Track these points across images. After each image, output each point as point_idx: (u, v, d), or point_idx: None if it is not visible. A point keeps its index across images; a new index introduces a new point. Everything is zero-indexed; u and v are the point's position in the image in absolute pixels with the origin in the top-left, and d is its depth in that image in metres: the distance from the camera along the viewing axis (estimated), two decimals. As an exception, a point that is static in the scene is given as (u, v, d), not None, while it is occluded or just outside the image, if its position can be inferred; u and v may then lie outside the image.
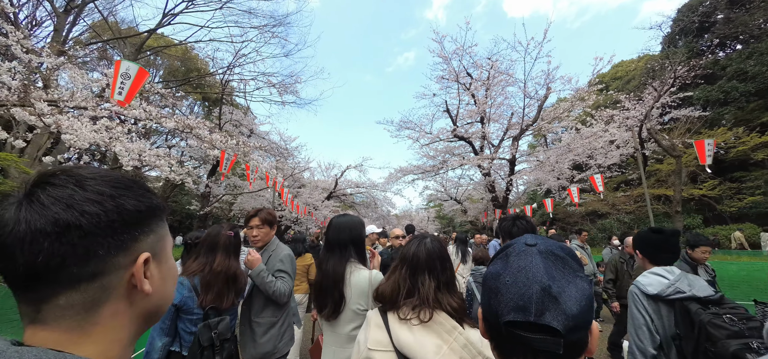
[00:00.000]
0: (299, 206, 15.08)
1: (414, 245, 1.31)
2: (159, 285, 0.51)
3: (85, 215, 0.42)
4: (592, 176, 7.56)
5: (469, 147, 14.46)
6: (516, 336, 0.52)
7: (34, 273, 0.41)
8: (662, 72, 16.07)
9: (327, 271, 1.74)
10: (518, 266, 0.56)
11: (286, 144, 16.52)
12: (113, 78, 3.14)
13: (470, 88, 12.59)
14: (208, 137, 5.59)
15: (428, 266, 1.24)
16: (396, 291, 1.23)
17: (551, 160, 13.24)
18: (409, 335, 1.11)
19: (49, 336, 0.42)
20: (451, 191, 20.59)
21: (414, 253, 1.27)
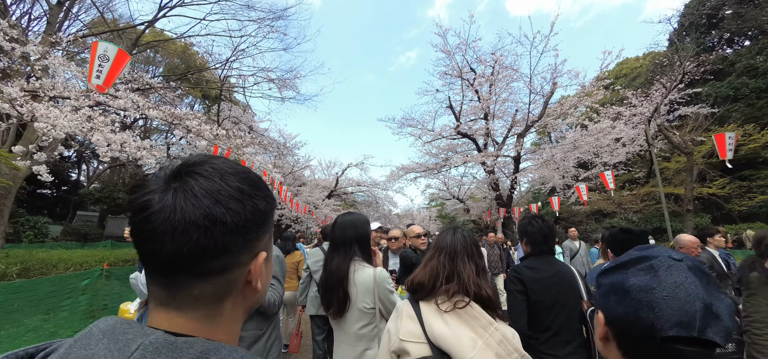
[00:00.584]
0: (299, 204, 14.80)
1: (449, 235, 1.33)
2: (265, 282, 0.52)
3: (229, 212, 0.43)
4: (602, 173, 7.27)
5: (472, 145, 14.14)
6: (671, 349, 0.56)
7: (176, 261, 0.42)
8: (670, 68, 15.74)
9: (331, 269, 1.72)
10: (674, 281, 0.59)
11: (286, 141, 16.23)
12: (90, 60, 2.85)
13: (474, 84, 12.26)
14: (197, 127, 5.30)
15: (467, 252, 1.26)
16: (434, 277, 1.22)
17: (557, 157, 12.92)
18: (443, 327, 1.09)
19: (187, 324, 0.44)
20: (453, 190, 20.26)
21: (451, 241, 1.30)
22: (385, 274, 1.67)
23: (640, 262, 0.64)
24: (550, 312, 1.76)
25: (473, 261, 1.25)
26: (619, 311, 0.62)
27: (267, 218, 0.50)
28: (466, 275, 1.19)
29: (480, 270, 1.24)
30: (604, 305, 0.66)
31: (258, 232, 0.48)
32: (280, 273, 1.99)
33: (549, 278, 1.80)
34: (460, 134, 12.67)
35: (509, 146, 13.44)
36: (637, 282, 0.61)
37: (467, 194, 21.40)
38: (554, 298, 1.66)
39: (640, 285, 0.61)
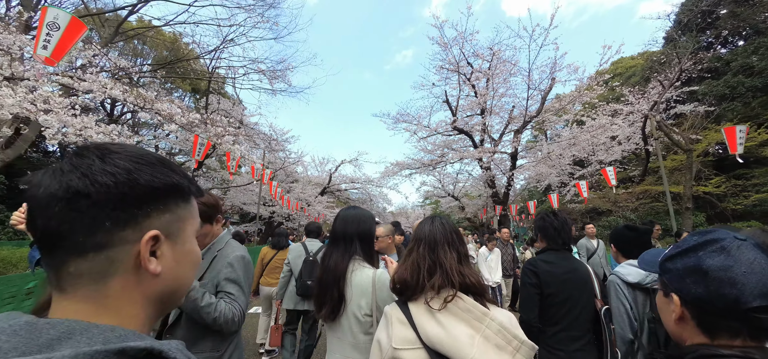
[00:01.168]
0: (290, 201, 14.42)
1: (427, 225, 1.26)
2: (171, 267, 0.49)
3: (95, 184, 0.42)
4: (604, 170, 7.02)
5: (468, 141, 13.89)
6: (755, 319, 0.63)
7: (48, 236, 0.43)
8: (667, 65, 15.63)
9: (328, 266, 1.58)
10: (748, 258, 0.66)
11: (277, 136, 15.80)
12: (37, 28, 2.46)
13: (470, 78, 11.98)
14: (167, 110, 4.89)
15: (447, 240, 1.20)
16: (417, 270, 1.15)
17: (554, 154, 12.71)
18: (437, 327, 1.02)
19: (69, 306, 0.44)
20: (448, 188, 19.99)
21: (430, 230, 1.23)
22: (387, 277, 1.47)
23: (708, 245, 0.70)
24: (562, 307, 1.78)
25: (454, 249, 1.19)
26: (699, 291, 0.68)
27: (157, 194, 0.47)
28: (448, 264, 1.13)
29: (462, 258, 1.18)
30: (680, 288, 0.72)
31: (145, 208, 0.46)
32: (245, 280, 1.62)
33: (563, 273, 1.83)
34: (457, 129, 12.38)
35: (506, 142, 13.20)
36: (715, 262, 0.67)
37: (462, 192, 21.16)
38: (567, 294, 1.64)
39: (718, 265, 0.67)
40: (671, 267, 0.75)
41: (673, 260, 0.75)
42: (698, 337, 0.70)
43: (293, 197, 17.02)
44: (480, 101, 11.79)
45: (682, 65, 12.91)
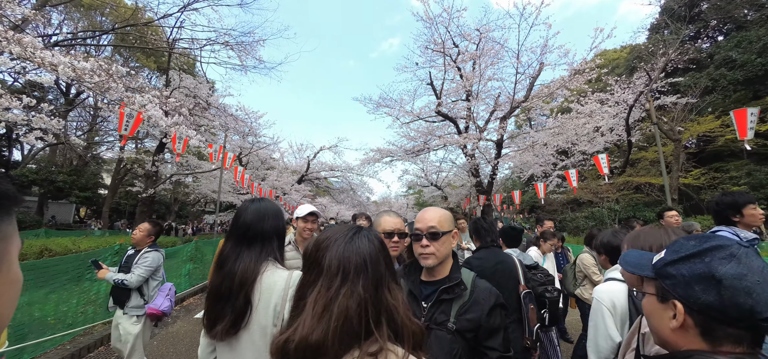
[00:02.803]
0: (261, 189, 13.43)
1: (362, 244, 0.80)
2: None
3: None
4: (596, 157, 6.55)
5: (452, 128, 13.27)
6: (765, 328, 0.65)
7: None
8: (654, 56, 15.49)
9: (232, 271, 1.27)
10: (758, 266, 0.66)
11: (250, 120, 14.66)
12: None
13: (456, 60, 11.28)
14: (105, 82, 3.92)
15: (390, 271, 0.81)
16: (349, 328, 0.70)
17: (539, 142, 12.25)
18: None
19: None
20: (431, 177, 19.45)
21: (370, 254, 0.79)
22: None
23: (716, 251, 0.69)
24: None
25: (396, 281, 0.81)
26: (710, 299, 0.66)
27: None
28: (400, 309, 0.75)
29: (402, 302, 0.78)
30: (686, 295, 0.69)
31: None
32: None
33: (492, 266, 2.06)
34: (441, 114, 11.69)
35: (491, 130, 12.67)
36: (729, 271, 0.66)
37: (445, 181, 20.69)
38: (496, 283, 1.57)
39: (732, 274, 0.65)
40: (674, 273, 0.73)
41: (675, 266, 0.73)
42: (697, 344, 0.69)
43: (268, 185, 15.99)
44: (466, 84, 11.11)
45: (670, 55, 12.68)
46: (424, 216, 1.39)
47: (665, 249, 0.79)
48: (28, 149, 22.06)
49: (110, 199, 20.11)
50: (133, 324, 2.85)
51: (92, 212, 27.50)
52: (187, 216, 30.66)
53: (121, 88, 4.00)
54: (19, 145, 21.62)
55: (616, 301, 1.53)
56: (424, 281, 1.38)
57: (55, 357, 3.23)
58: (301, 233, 2.40)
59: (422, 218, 1.39)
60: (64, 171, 19.00)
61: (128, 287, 2.82)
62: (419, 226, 1.37)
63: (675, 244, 0.76)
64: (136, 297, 2.88)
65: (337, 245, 0.81)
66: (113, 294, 2.95)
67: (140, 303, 2.89)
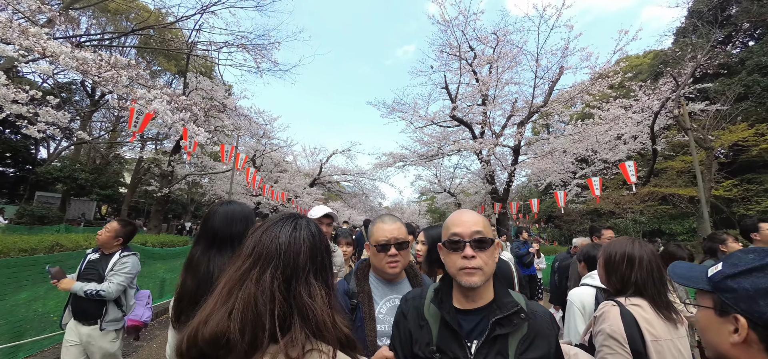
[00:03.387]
0: (273, 191, 13.44)
1: (283, 231, 0.74)
2: None
3: None
4: (622, 164, 6.14)
5: (467, 133, 12.97)
6: None
7: None
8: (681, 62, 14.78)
9: (209, 274, 1.26)
10: None
11: (265, 122, 14.77)
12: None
13: (472, 64, 11.02)
14: (111, 76, 3.89)
15: (315, 266, 0.73)
16: (253, 319, 0.63)
17: (558, 149, 11.80)
18: None
19: None
20: (444, 183, 19.08)
21: (289, 243, 0.72)
22: None
23: None
24: None
25: (324, 281, 0.73)
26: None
27: None
28: (317, 309, 0.67)
29: (332, 293, 0.74)
30: (751, 309, 0.69)
31: None
32: None
33: None
34: (455, 119, 11.42)
35: (507, 136, 12.30)
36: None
37: (459, 188, 20.28)
38: None
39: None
40: (735, 287, 0.72)
41: (736, 279, 0.72)
42: None
43: (280, 187, 16.02)
44: (482, 88, 10.83)
45: (699, 59, 12.05)
46: (463, 218, 1.05)
47: (721, 262, 0.78)
48: (53, 148, 22.94)
49: (129, 197, 20.62)
50: (113, 341, 2.46)
51: (113, 210, 28.35)
52: (201, 217, 31.25)
53: (125, 79, 3.96)
54: (46, 144, 22.52)
55: (585, 303, 1.77)
56: (461, 309, 1.03)
57: (51, 356, 3.16)
58: None
59: (461, 221, 1.05)
60: (86, 169, 19.62)
61: (105, 298, 2.39)
62: (459, 230, 1.02)
63: (732, 257, 0.76)
64: (114, 309, 2.47)
65: (261, 228, 0.76)
66: (75, 307, 2.46)
67: (119, 315, 2.50)
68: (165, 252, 6.36)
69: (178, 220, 28.31)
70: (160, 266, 6.34)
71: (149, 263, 5.35)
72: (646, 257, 1.40)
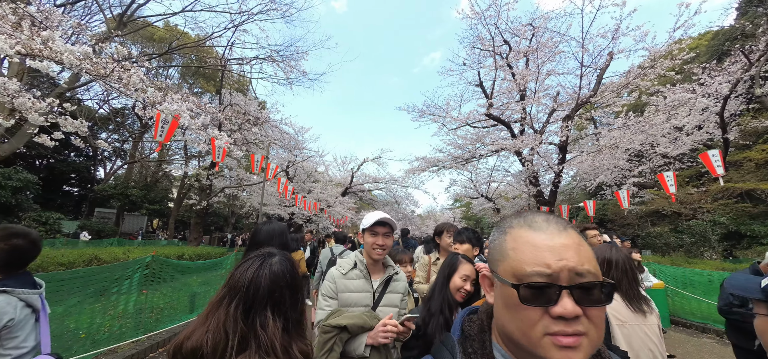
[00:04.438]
0: (306, 201, 13.38)
1: (250, 269, 0.91)
2: None
3: None
4: (704, 154, 5.11)
5: (504, 133, 12.14)
6: None
7: None
8: (751, 38, 12.88)
9: None
10: None
11: (297, 134, 14.91)
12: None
13: (507, 58, 10.27)
14: (125, 78, 3.83)
15: (273, 300, 0.88)
16: (221, 340, 0.81)
17: (611, 143, 10.57)
18: None
19: None
20: (481, 188, 18.10)
21: (251, 280, 0.89)
22: None
23: None
24: None
25: (281, 314, 0.88)
26: None
27: None
28: (268, 337, 0.82)
29: (292, 325, 0.90)
30: None
31: None
32: None
33: None
34: (492, 117, 10.67)
35: (550, 132, 11.30)
36: None
37: (497, 192, 19.16)
38: None
39: None
40: None
41: None
42: None
43: (313, 197, 16.04)
44: (520, 83, 10.03)
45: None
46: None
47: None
48: (109, 167, 24.95)
49: (175, 211, 21.83)
50: None
51: (163, 224, 30.31)
52: (241, 228, 32.42)
53: (136, 79, 3.87)
54: (103, 164, 24.55)
55: None
56: None
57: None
58: (370, 251, 1.73)
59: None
60: (137, 186, 21.03)
61: None
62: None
63: None
64: None
65: (238, 264, 0.96)
66: None
67: None
68: (192, 265, 6.20)
69: (220, 232, 29.55)
70: (194, 280, 6.26)
71: (179, 277, 5.24)
72: (622, 260, 1.68)
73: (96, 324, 3.38)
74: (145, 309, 3.96)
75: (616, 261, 1.67)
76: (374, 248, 1.70)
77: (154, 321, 4.17)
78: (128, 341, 3.62)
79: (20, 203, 15.49)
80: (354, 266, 1.74)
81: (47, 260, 4.44)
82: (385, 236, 1.73)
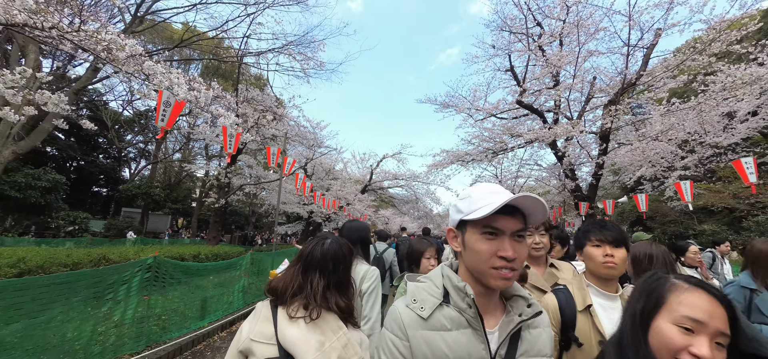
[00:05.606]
0: (325, 199, 12.93)
1: (311, 245, 1.34)
2: None
3: None
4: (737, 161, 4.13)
5: (535, 123, 11.23)
6: None
7: None
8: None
9: None
10: None
11: (314, 129, 14.50)
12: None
13: (539, 41, 9.38)
14: (107, 39, 3.36)
15: (320, 266, 1.27)
16: (286, 286, 1.23)
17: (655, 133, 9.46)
18: (296, 331, 1.11)
19: None
20: (506, 184, 17.12)
21: (309, 252, 1.31)
22: (376, 273, 1.88)
23: None
24: None
25: (325, 276, 1.26)
26: None
27: None
28: (313, 290, 1.21)
29: (332, 285, 1.25)
30: None
31: None
32: None
33: None
34: (523, 105, 9.81)
35: (586, 121, 10.30)
36: None
37: (524, 188, 18.11)
38: None
39: None
40: None
41: None
42: None
43: (332, 195, 15.61)
44: (554, 66, 9.12)
45: None
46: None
47: None
48: (134, 168, 25.51)
49: (197, 211, 22.04)
50: None
51: (187, 223, 30.86)
52: (262, 227, 32.55)
53: (127, 49, 3.40)
54: (128, 165, 25.14)
55: None
56: None
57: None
58: (484, 272, 0.87)
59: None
60: (159, 186, 21.30)
61: None
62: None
63: None
64: None
65: (307, 243, 1.39)
66: None
67: None
68: (199, 267, 5.58)
69: (241, 230, 29.67)
70: (209, 281, 5.80)
71: (188, 280, 4.78)
72: (661, 254, 1.89)
73: (85, 336, 2.93)
74: (149, 318, 3.52)
75: (656, 255, 1.87)
76: (495, 268, 0.85)
77: (159, 331, 3.72)
78: (126, 354, 3.18)
79: (49, 203, 15.88)
80: (444, 299, 0.89)
81: (50, 260, 4.08)
82: (518, 240, 0.88)
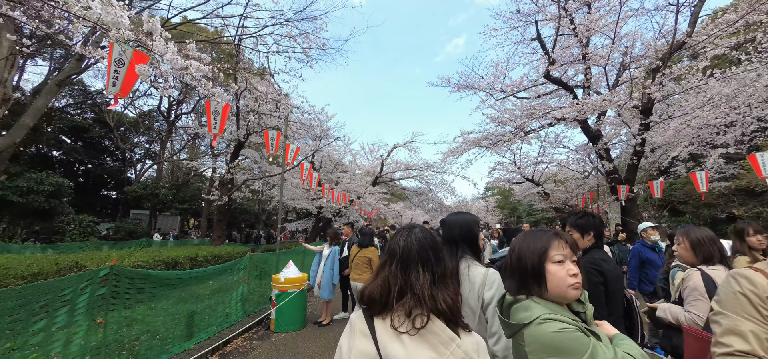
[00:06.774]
0: (335, 192, 12.15)
1: (402, 238, 1.16)
2: None
3: None
4: None
5: (564, 100, 10.21)
6: None
7: None
8: None
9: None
10: None
11: (318, 117, 13.67)
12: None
13: (567, 6, 8.34)
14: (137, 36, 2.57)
15: (421, 259, 1.10)
16: (386, 290, 1.06)
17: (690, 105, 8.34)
18: (400, 348, 0.98)
19: None
20: (527, 170, 16.06)
21: (404, 246, 1.13)
22: (497, 277, 1.57)
23: None
24: (613, 297, 1.95)
25: (429, 269, 1.08)
26: None
27: None
28: (420, 286, 1.04)
29: (437, 279, 1.08)
30: None
31: None
32: None
33: (613, 269, 2.00)
34: (552, 79, 8.80)
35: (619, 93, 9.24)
36: None
37: (545, 175, 17.01)
38: (617, 286, 1.78)
39: None
40: None
41: None
42: None
43: (341, 188, 14.81)
44: (587, 30, 8.07)
45: None
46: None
47: None
48: (140, 169, 25.15)
49: (206, 210, 21.56)
50: None
51: (198, 223, 30.52)
52: (271, 224, 32.01)
53: None
54: (133, 167, 24.78)
55: None
56: None
57: None
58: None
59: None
60: (166, 186, 20.84)
61: None
62: None
63: None
64: None
65: (392, 236, 1.23)
66: None
67: None
68: (174, 276, 4.53)
69: (251, 229, 28.91)
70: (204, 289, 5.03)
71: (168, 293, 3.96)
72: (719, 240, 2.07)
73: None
74: (108, 345, 2.70)
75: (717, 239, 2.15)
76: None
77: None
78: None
79: (54, 207, 15.48)
80: None
81: (5, 271, 3.34)
82: None
